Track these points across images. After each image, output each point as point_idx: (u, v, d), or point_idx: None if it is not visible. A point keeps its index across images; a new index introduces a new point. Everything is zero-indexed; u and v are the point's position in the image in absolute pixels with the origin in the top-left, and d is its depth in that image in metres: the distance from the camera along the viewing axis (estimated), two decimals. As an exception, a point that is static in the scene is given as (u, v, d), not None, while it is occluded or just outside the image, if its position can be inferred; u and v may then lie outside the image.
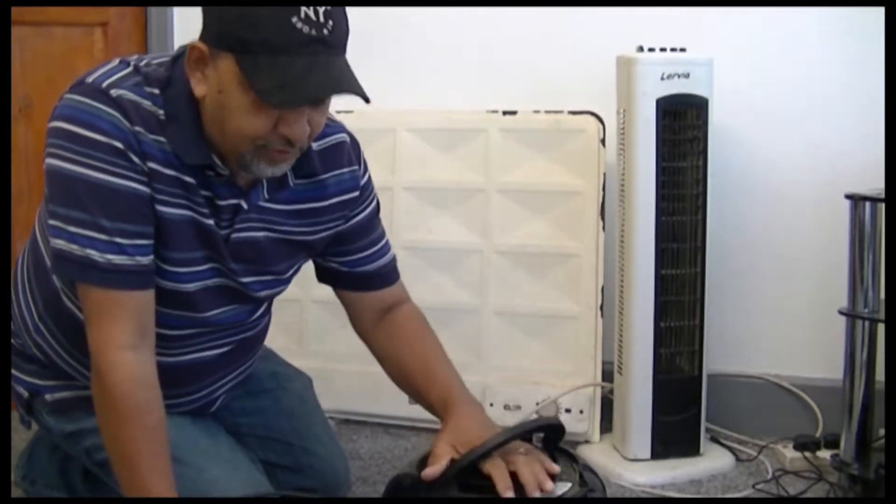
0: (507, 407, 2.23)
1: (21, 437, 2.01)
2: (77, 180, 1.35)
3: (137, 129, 1.36)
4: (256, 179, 1.46)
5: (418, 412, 1.77)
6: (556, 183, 2.24)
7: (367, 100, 1.32)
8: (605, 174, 2.19)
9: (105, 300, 1.38)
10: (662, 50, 2.02)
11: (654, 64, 2.00)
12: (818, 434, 2.18)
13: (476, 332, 2.30)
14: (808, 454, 2.08)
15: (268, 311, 1.68)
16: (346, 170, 1.57)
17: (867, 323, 1.87)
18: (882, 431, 1.92)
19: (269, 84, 1.28)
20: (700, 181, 2.06)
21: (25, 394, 1.63)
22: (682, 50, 2.03)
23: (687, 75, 2.01)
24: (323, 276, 1.68)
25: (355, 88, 1.32)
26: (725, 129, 2.21)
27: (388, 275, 1.68)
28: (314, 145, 1.51)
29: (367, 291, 1.66)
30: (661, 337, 2.07)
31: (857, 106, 2.18)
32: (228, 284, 1.51)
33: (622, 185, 2.07)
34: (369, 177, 1.63)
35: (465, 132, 2.30)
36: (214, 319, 1.53)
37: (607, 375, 2.22)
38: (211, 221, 1.44)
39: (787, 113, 2.24)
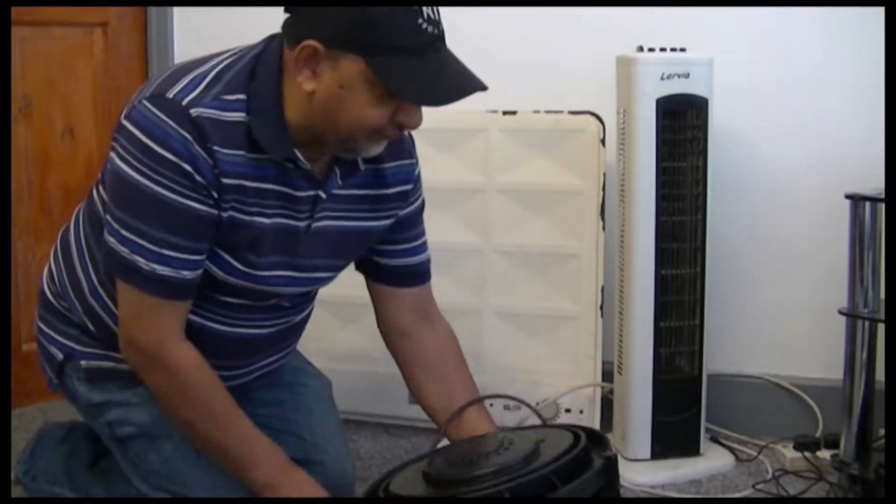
0: (506, 407, 2.23)
1: (21, 436, 2.01)
2: (139, 190, 1.42)
3: (215, 147, 1.41)
4: (329, 168, 1.53)
5: (418, 412, 1.78)
6: (556, 183, 2.24)
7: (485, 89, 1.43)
8: (605, 174, 2.19)
9: (144, 302, 1.47)
10: (662, 50, 2.02)
11: (654, 64, 2.00)
12: (818, 434, 2.18)
13: (476, 332, 2.30)
14: (808, 454, 2.08)
15: (315, 296, 1.75)
16: (405, 161, 1.65)
17: (867, 323, 1.87)
18: (882, 431, 1.91)
19: (404, 84, 1.38)
20: (700, 181, 2.06)
21: (60, 356, 1.66)
22: (682, 50, 2.03)
23: (687, 75, 2.01)
24: (360, 264, 1.72)
25: (482, 85, 1.44)
26: (725, 129, 2.21)
27: (424, 273, 1.74)
28: None
29: (402, 287, 1.71)
30: (661, 337, 2.07)
31: (857, 106, 2.18)
32: (297, 276, 1.58)
33: (622, 185, 2.07)
34: (419, 172, 1.69)
35: (465, 132, 2.29)
36: (281, 293, 1.60)
37: (607, 375, 2.22)
38: (291, 220, 1.52)
39: (787, 113, 2.24)
